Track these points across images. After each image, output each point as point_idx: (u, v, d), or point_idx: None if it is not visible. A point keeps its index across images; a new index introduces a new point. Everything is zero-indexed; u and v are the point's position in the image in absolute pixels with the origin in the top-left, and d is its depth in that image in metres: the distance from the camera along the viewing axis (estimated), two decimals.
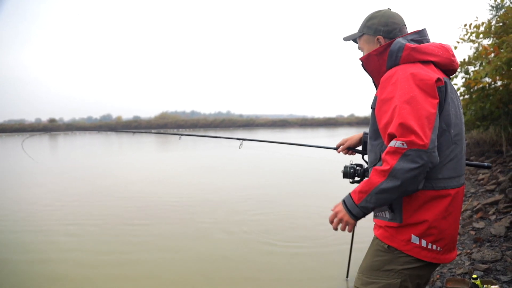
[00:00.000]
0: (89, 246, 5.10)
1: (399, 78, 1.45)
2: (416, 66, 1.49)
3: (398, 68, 1.50)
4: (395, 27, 1.67)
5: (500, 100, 7.76)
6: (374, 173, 1.40)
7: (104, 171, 13.18)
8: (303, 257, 4.56)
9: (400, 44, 1.53)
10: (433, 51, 1.55)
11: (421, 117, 1.35)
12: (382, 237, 1.57)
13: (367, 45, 1.72)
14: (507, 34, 6.82)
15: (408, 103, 1.38)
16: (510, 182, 5.08)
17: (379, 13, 1.70)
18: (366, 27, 1.71)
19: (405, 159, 1.32)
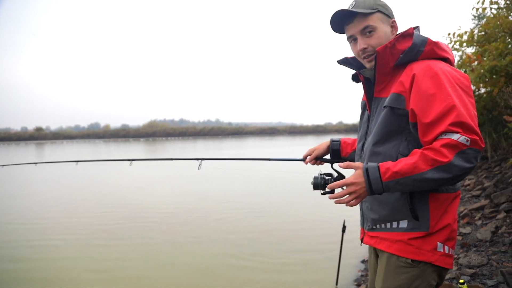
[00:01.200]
0: (76, 255, 5.03)
1: (439, 74, 1.32)
2: (441, 64, 1.38)
3: (429, 62, 1.36)
4: None
5: (484, 107, 7.90)
6: (423, 159, 1.24)
7: (92, 180, 13.03)
8: (293, 266, 4.57)
9: (423, 38, 1.39)
10: (447, 48, 1.45)
11: (475, 119, 1.29)
12: (404, 253, 1.39)
13: (382, 25, 1.47)
14: (489, 43, 6.98)
15: (463, 103, 1.29)
16: (495, 188, 5.17)
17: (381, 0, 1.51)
18: (381, 5, 1.47)
19: (463, 156, 1.22)
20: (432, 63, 1.35)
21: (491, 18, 7.37)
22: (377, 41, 1.46)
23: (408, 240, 1.38)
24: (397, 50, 1.40)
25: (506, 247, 3.41)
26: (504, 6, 7.20)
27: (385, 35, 1.47)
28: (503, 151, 7.68)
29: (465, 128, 1.24)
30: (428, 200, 1.37)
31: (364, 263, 4.35)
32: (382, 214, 1.46)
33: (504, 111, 6.16)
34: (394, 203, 1.41)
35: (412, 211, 1.37)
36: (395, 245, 1.41)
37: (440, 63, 1.37)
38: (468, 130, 1.24)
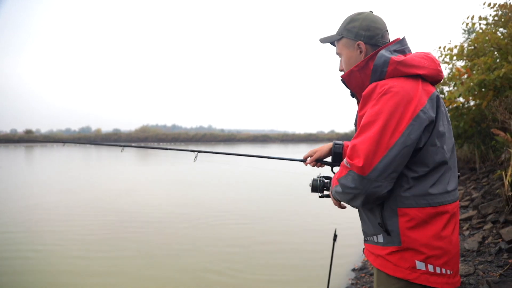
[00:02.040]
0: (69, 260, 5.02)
1: (377, 94, 1.33)
2: (400, 81, 1.34)
3: (379, 82, 1.36)
4: (378, 32, 1.51)
5: (473, 119, 8.08)
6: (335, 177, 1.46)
7: (84, 184, 12.95)
8: (283, 275, 4.61)
9: (385, 58, 1.38)
10: (419, 63, 1.39)
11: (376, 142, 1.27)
12: (384, 268, 1.40)
13: (346, 50, 1.56)
14: (478, 57, 7.15)
15: (372, 124, 1.29)
16: (482, 199, 5.29)
17: (360, 15, 1.53)
18: (346, 29, 1.55)
19: (344, 179, 1.35)
20: (383, 83, 1.35)
21: (480, 33, 7.56)
22: (344, 66, 1.59)
23: (386, 255, 1.39)
24: (369, 69, 1.44)
25: (492, 257, 3.50)
26: (492, 22, 7.39)
27: (350, 59, 1.56)
28: (491, 163, 7.83)
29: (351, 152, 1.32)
30: (397, 214, 1.36)
31: (354, 271, 4.42)
32: (365, 227, 1.52)
33: (492, 124, 6.30)
34: (371, 217, 1.46)
35: (382, 225, 1.39)
36: (378, 260, 1.43)
37: (397, 81, 1.34)
38: (351, 151, 1.32)
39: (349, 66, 1.55)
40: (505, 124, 5.18)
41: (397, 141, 1.27)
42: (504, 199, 4.28)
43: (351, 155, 1.31)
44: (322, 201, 1.95)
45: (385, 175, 1.28)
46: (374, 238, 1.45)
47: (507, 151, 5.32)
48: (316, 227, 6.64)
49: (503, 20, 7.18)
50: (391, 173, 1.29)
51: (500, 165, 6.38)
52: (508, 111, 4.95)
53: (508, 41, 6.60)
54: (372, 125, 1.29)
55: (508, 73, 6.09)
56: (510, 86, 6.41)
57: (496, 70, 6.34)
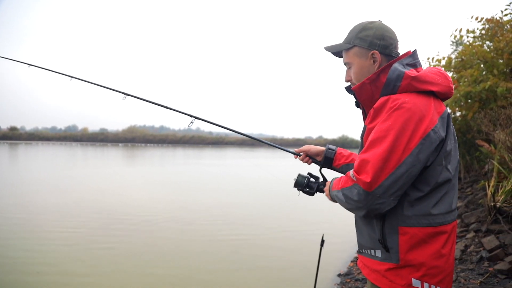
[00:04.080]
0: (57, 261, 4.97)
1: (389, 109, 1.30)
2: (410, 96, 1.32)
3: (391, 96, 1.33)
4: (391, 42, 1.46)
5: (459, 130, 8.25)
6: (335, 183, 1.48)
7: (74, 185, 12.81)
8: (269, 280, 4.64)
9: (399, 72, 1.35)
10: (433, 79, 1.36)
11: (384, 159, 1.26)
12: (379, 283, 1.40)
13: (358, 59, 1.49)
14: (465, 69, 7.32)
15: (382, 140, 1.28)
16: (466, 208, 5.40)
17: (373, 24, 1.48)
18: (358, 38, 1.47)
19: (348, 190, 1.36)
20: (388, 99, 1.32)
21: (467, 46, 7.74)
22: (354, 76, 1.52)
23: (383, 272, 1.39)
24: (381, 82, 1.40)
25: (474, 265, 3.59)
26: (479, 35, 7.57)
27: (362, 69, 1.49)
28: (476, 173, 8.00)
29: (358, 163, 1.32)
30: (397, 232, 1.35)
31: (340, 277, 4.47)
32: (362, 240, 1.51)
33: (477, 136, 6.45)
34: (370, 232, 1.44)
35: (382, 242, 1.38)
36: (373, 274, 1.43)
37: (410, 97, 1.31)
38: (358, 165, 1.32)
39: (361, 76, 1.49)
40: (489, 136, 5.32)
41: (405, 159, 1.25)
42: (486, 209, 4.39)
43: (359, 170, 1.30)
44: (310, 207, 2.01)
45: (390, 193, 1.27)
46: (372, 252, 1.44)
47: (490, 162, 5.46)
48: (304, 232, 6.68)
49: (489, 34, 7.38)
50: (396, 191, 1.28)
51: (484, 176, 6.54)
52: (492, 123, 5.08)
53: (494, 54, 6.79)
54: (382, 141, 1.27)
55: (493, 86, 6.26)
56: (495, 99, 6.58)
57: (482, 83, 6.51)
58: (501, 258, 3.49)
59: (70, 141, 73.67)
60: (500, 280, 3.12)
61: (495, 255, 3.54)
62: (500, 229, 4.02)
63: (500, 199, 4.22)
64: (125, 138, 76.47)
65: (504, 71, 6.52)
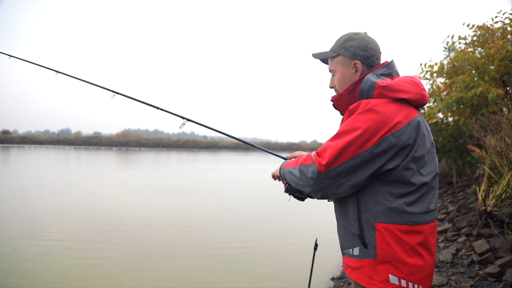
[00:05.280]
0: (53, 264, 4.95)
1: (360, 109, 1.39)
2: (384, 102, 1.40)
3: (364, 100, 1.43)
4: (373, 53, 1.55)
5: (451, 135, 8.35)
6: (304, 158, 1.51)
7: (68, 188, 12.74)
8: (262, 283, 4.66)
9: (371, 83, 1.45)
10: (404, 88, 1.43)
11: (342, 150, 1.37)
12: (360, 281, 1.45)
13: (341, 68, 1.58)
14: (457, 75, 7.43)
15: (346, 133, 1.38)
16: (457, 212, 5.46)
17: (358, 35, 1.57)
18: (343, 48, 1.57)
19: (305, 168, 1.45)
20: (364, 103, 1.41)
21: (459, 52, 7.86)
22: (337, 83, 1.63)
23: (361, 268, 1.44)
24: (357, 92, 1.50)
25: (465, 268, 3.64)
26: (470, 42, 7.69)
27: (344, 77, 1.59)
28: (467, 178, 8.09)
29: (321, 148, 1.43)
30: (374, 228, 1.41)
31: (333, 280, 4.50)
32: (343, 240, 1.57)
33: (469, 141, 6.54)
34: (348, 229, 1.51)
35: (360, 237, 1.44)
36: (354, 273, 1.48)
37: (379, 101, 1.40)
38: (321, 149, 1.43)
39: (343, 84, 1.59)
40: (480, 141, 5.39)
41: (359, 154, 1.36)
42: (477, 213, 4.45)
43: (320, 153, 1.41)
44: (303, 211, 2.08)
45: (339, 178, 1.39)
46: (350, 250, 1.50)
47: (481, 167, 5.54)
48: (297, 236, 6.72)
49: (480, 40, 7.50)
50: (346, 178, 1.39)
51: (476, 180, 6.62)
52: (483, 129, 5.16)
53: (485, 60, 6.89)
54: (346, 135, 1.38)
55: (484, 92, 6.36)
56: (486, 104, 6.68)
57: (474, 89, 6.61)
58: (491, 262, 3.54)
59: (63, 145, 73.18)
60: (490, 283, 3.18)
61: (486, 258, 3.60)
62: (490, 233, 4.08)
63: (490, 203, 4.28)
64: (119, 141, 76.15)
65: (495, 77, 6.62)
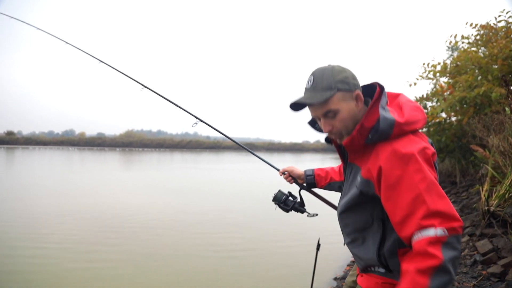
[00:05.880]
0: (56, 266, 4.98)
1: (405, 159, 1.30)
2: (410, 140, 1.36)
3: (396, 145, 1.34)
4: (359, 82, 1.50)
5: (454, 135, 8.33)
6: (417, 274, 1.18)
7: (71, 189, 12.80)
8: (267, 278, 4.67)
9: (390, 122, 1.36)
10: (416, 118, 1.42)
11: (445, 198, 1.24)
12: None
13: (344, 104, 1.43)
14: (460, 75, 7.41)
15: (430, 188, 1.24)
16: (461, 212, 5.45)
17: (338, 66, 1.47)
18: (340, 81, 1.42)
19: (448, 248, 1.17)
20: (397, 151, 1.32)
21: (462, 51, 7.84)
22: (341, 123, 1.45)
23: (383, 284, 1.45)
24: (365, 128, 1.40)
25: (467, 268, 3.63)
26: (474, 41, 7.66)
27: (349, 113, 1.44)
28: (471, 177, 8.06)
29: (437, 217, 1.20)
30: (397, 254, 1.40)
31: (336, 280, 4.51)
32: (363, 264, 1.55)
33: (472, 140, 6.52)
34: (369, 259, 1.49)
35: (384, 266, 1.43)
36: (372, 284, 1.50)
37: (408, 141, 1.36)
38: (444, 218, 1.20)
39: (349, 121, 1.46)
40: (483, 141, 5.38)
41: None
42: (480, 213, 4.44)
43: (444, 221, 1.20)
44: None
45: None
46: (375, 268, 1.49)
47: (484, 167, 5.52)
48: (300, 236, 6.72)
49: (484, 40, 7.48)
50: None
51: (479, 180, 6.59)
52: (486, 129, 5.14)
53: (488, 60, 6.87)
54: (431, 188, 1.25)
55: (487, 91, 6.34)
56: (489, 104, 6.66)
57: (477, 88, 6.59)
58: (494, 262, 3.53)
59: (67, 146, 73.51)
60: (493, 283, 3.17)
61: (489, 258, 3.59)
62: (493, 233, 4.07)
63: (493, 203, 4.27)
64: (122, 142, 76.42)
65: (498, 76, 6.60)
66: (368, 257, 1.49)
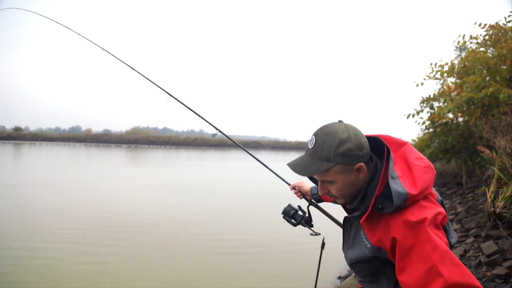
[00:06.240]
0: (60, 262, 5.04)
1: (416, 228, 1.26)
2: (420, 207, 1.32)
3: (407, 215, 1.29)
4: (367, 146, 1.41)
5: (461, 135, 8.28)
6: None
7: (77, 185, 12.90)
8: (269, 282, 4.69)
9: (404, 196, 1.29)
10: (428, 182, 1.38)
11: (461, 267, 1.20)
12: None
13: (342, 176, 1.38)
14: (468, 75, 7.36)
15: (444, 257, 1.20)
16: (466, 213, 5.43)
17: (345, 133, 1.36)
18: (339, 155, 1.34)
19: None
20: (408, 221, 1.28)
21: (470, 52, 7.78)
22: (337, 192, 1.44)
23: None
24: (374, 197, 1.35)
25: (472, 269, 3.62)
26: (482, 41, 7.61)
27: (346, 185, 1.41)
28: (477, 179, 8.01)
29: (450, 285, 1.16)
30: None
31: (340, 279, 4.51)
32: None
33: (479, 141, 6.48)
34: None
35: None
36: None
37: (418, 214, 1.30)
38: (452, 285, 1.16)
39: (345, 191, 1.43)
40: (490, 142, 5.35)
41: None
42: (486, 214, 4.42)
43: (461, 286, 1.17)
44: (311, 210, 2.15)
45: None
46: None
47: (490, 169, 5.49)
48: (304, 235, 6.72)
49: (492, 40, 7.42)
50: None
51: (485, 181, 6.56)
52: (493, 130, 5.11)
53: (497, 60, 6.82)
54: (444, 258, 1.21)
55: (495, 92, 6.29)
56: (497, 105, 6.61)
57: (485, 89, 6.55)
58: (499, 263, 3.52)
59: (73, 142, 73.94)
60: (498, 285, 3.16)
61: (494, 260, 3.58)
62: (499, 235, 4.06)
63: (499, 205, 4.25)
64: (128, 139, 76.75)
65: (506, 77, 6.55)
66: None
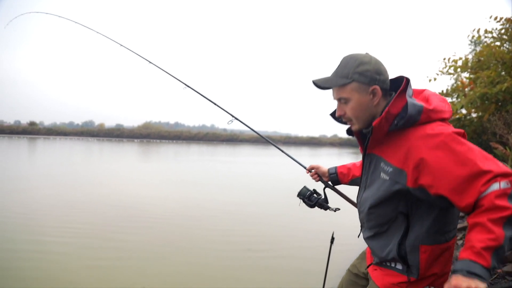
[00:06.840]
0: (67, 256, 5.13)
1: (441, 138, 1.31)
2: (439, 124, 1.38)
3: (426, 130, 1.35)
4: (387, 76, 1.49)
5: (474, 131, 8.18)
6: (491, 224, 1.18)
7: (88, 179, 13.08)
8: (279, 276, 4.71)
9: (419, 107, 1.37)
10: (443, 108, 1.43)
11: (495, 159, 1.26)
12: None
13: (357, 95, 1.45)
14: (482, 70, 7.25)
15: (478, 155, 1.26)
16: None
17: (367, 58, 1.46)
18: (357, 73, 1.43)
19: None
20: (430, 134, 1.33)
21: (485, 46, 7.66)
22: (351, 112, 1.49)
23: (401, 284, 1.48)
24: (391, 114, 1.40)
25: None
26: (497, 35, 7.48)
27: (361, 105, 1.47)
28: None
29: (497, 176, 1.21)
30: (418, 250, 1.43)
31: None
32: (383, 256, 1.54)
33: (492, 138, 6.40)
34: (388, 252, 1.51)
35: (403, 260, 1.46)
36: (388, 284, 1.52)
37: (437, 128, 1.35)
38: (500, 176, 1.21)
39: (359, 112, 1.49)
40: (503, 138, 5.28)
41: None
42: None
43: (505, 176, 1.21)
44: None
45: None
46: (391, 263, 1.53)
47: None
48: (314, 230, 6.73)
49: (508, 34, 7.29)
50: None
51: None
52: (507, 126, 5.05)
53: None
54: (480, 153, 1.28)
55: (510, 88, 6.20)
56: (511, 101, 6.51)
57: (499, 84, 6.45)
58: (509, 260, 3.50)
59: (87, 136, 74.79)
60: (508, 281, 3.15)
61: (504, 257, 3.55)
62: None
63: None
64: (140, 134, 77.28)
65: None
66: (387, 249, 1.50)
